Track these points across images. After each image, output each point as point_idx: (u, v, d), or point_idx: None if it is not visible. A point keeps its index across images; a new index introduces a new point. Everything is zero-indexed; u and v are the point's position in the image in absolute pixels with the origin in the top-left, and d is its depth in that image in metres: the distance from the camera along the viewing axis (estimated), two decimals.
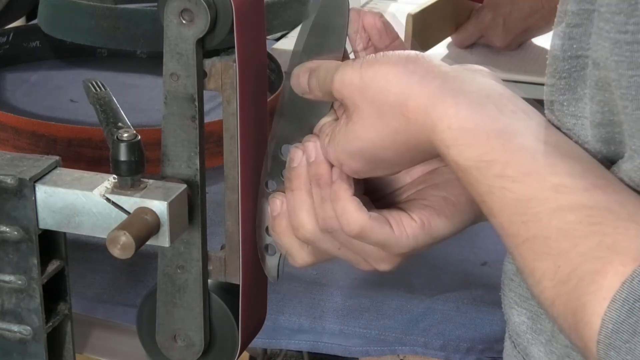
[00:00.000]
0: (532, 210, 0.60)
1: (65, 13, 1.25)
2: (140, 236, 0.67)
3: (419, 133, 0.65)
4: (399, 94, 0.65)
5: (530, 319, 0.73)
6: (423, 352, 0.99)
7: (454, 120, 0.63)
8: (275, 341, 1.01)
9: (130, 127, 0.85)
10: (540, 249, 0.60)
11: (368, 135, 0.67)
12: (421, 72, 0.65)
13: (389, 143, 0.67)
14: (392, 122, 0.66)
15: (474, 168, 0.62)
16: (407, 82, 0.65)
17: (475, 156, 0.62)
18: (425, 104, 0.64)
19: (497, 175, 0.61)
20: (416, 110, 0.64)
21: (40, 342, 0.75)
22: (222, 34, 0.70)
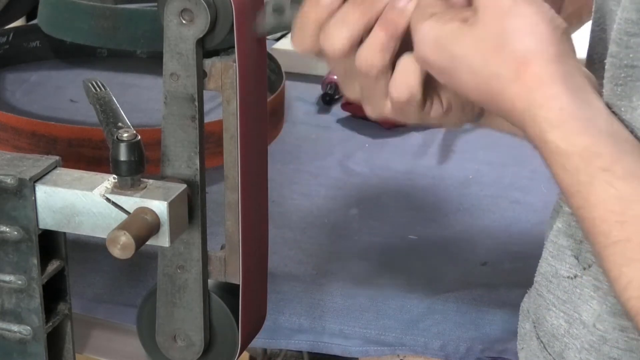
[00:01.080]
0: (632, 212, 0.59)
1: (65, 13, 1.25)
2: (140, 236, 0.67)
3: (518, 96, 0.63)
4: (529, 49, 0.63)
5: (568, 322, 0.73)
6: (423, 352, 0.99)
7: (568, 104, 0.61)
8: (275, 341, 1.01)
9: (130, 127, 0.85)
10: (631, 254, 0.58)
11: (472, 54, 0.65)
12: (560, 49, 0.63)
13: (480, 76, 0.65)
14: (502, 66, 0.64)
15: (577, 155, 0.60)
16: (543, 48, 0.63)
17: (583, 144, 0.60)
18: (546, 79, 0.62)
19: (603, 168, 0.60)
20: (533, 78, 0.62)
21: (40, 342, 0.75)
22: (222, 34, 0.70)
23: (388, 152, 1.32)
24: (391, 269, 1.06)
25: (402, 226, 1.14)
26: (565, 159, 0.61)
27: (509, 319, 0.98)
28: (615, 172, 0.60)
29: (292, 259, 1.07)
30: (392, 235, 1.12)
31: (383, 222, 1.15)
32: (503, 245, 1.11)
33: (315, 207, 1.18)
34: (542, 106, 0.62)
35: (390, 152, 1.32)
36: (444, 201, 1.20)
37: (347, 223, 1.15)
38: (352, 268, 1.06)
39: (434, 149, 1.34)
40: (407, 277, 1.05)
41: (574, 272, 0.73)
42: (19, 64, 1.53)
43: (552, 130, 0.61)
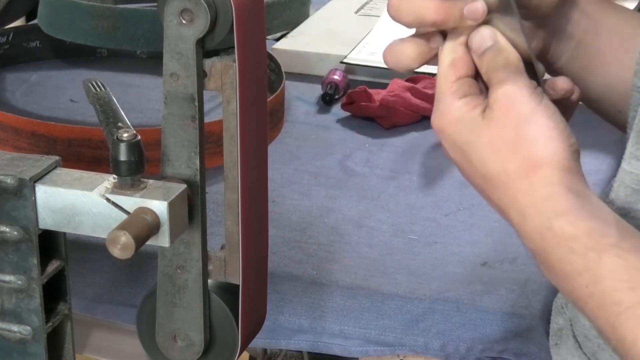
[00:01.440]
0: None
1: (65, 13, 1.25)
2: (140, 236, 0.67)
3: (523, 192, 0.67)
4: (542, 156, 0.67)
5: None
6: (423, 352, 0.98)
7: (574, 200, 0.66)
8: (275, 341, 1.01)
9: (130, 127, 0.85)
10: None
11: (485, 147, 0.69)
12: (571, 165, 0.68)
13: (489, 168, 0.69)
14: (513, 164, 0.68)
15: (585, 236, 0.64)
16: (555, 159, 0.67)
17: (590, 226, 0.64)
18: (552, 181, 0.67)
19: (612, 244, 0.63)
20: (542, 180, 0.67)
21: (40, 342, 0.75)
22: (222, 34, 0.70)
23: (388, 152, 1.32)
24: (391, 269, 1.06)
25: (402, 226, 1.14)
26: (572, 241, 0.64)
27: (509, 319, 0.98)
28: (623, 247, 0.63)
29: (292, 259, 1.07)
30: (392, 235, 1.12)
31: (383, 222, 1.15)
32: (503, 245, 1.11)
33: (315, 207, 1.18)
34: (548, 199, 0.66)
35: (390, 152, 1.32)
36: (444, 201, 1.20)
37: (347, 223, 1.15)
38: (352, 268, 1.06)
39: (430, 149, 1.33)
40: (407, 277, 1.05)
41: None
42: (19, 64, 1.53)
43: (557, 217, 0.65)
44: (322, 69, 1.49)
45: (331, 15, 1.72)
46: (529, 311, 0.98)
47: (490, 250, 1.10)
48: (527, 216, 0.67)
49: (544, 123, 0.67)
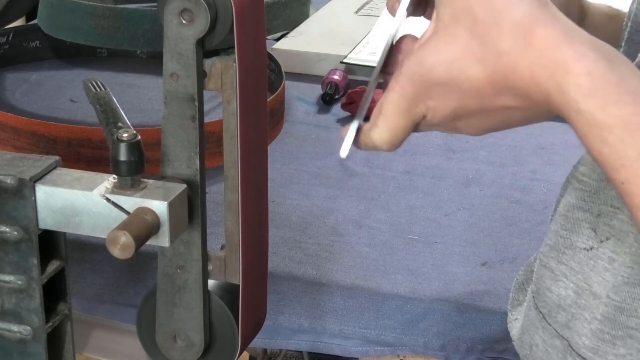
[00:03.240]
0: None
1: (65, 13, 1.25)
2: (140, 236, 0.67)
3: (536, 64, 0.59)
4: (525, 14, 0.59)
5: (576, 293, 0.72)
6: (423, 352, 0.99)
7: (594, 67, 0.57)
8: (275, 341, 1.01)
9: (130, 127, 0.85)
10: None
11: (467, 45, 0.61)
12: (552, 8, 0.60)
13: (487, 61, 0.60)
14: (505, 41, 0.59)
15: (619, 127, 0.56)
16: (537, 10, 0.59)
17: (623, 114, 0.56)
18: (558, 38, 0.58)
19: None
20: (545, 40, 0.58)
21: (40, 342, 0.75)
22: (222, 34, 0.70)
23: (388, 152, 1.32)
24: (391, 269, 1.06)
25: (402, 226, 1.14)
26: (606, 131, 0.57)
27: None
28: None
29: (292, 259, 1.07)
30: (392, 235, 1.12)
31: (383, 222, 1.15)
32: (503, 245, 1.11)
33: (315, 207, 1.18)
34: (568, 71, 0.58)
35: (390, 152, 1.32)
36: (444, 201, 1.20)
37: (347, 223, 1.15)
38: (352, 268, 1.06)
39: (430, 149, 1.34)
40: (407, 277, 1.05)
41: (590, 244, 0.71)
42: (19, 64, 1.53)
43: (585, 99, 0.57)
44: (322, 69, 1.49)
45: (331, 15, 1.72)
46: None
47: (490, 250, 1.10)
48: (551, 96, 0.58)
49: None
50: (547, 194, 1.22)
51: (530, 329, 0.78)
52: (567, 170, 1.28)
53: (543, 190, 1.23)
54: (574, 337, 0.73)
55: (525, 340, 0.80)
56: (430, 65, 0.63)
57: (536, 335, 0.77)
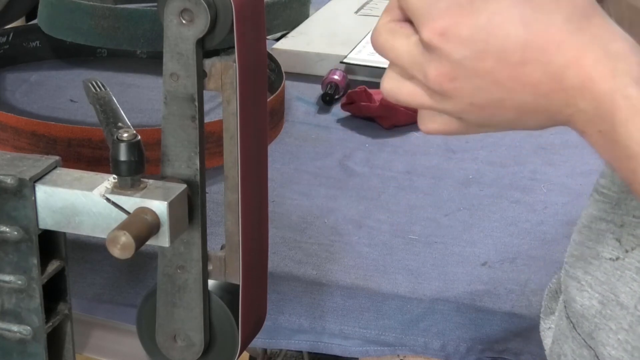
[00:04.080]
0: None
1: (65, 13, 1.25)
2: (140, 236, 0.67)
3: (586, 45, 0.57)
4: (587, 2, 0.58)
5: (601, 303, 0.72)
6: (423, 352, 0.99)
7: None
8: (275, 341, 1.01)
9: (130, 127, 0.85)
10: None
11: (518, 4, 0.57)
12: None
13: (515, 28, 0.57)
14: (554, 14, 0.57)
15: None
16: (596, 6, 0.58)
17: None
18: (613, 30, 0.57)
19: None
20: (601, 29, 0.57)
21: (40, 342, 0.75)
22: (222, 34, 0.70)
23: (388, 152, 1.32)
24: (391, 269, 1.06)
25: (402, 226, 1.14)
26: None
27: (509, 319, 0.98)
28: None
29: (292, 259, 1.07)
30: (392, 235, 1.12)
31: (383, 222, 1.15)
32: (503, 245, 1.11)
33: (315, 207, 1.18)
34: (622, 59, 0.56)
35: (390, 152, 1.32)
36: (444, 201, 1.20)
37: (347, 223, 1.15)
38: (352, 268, 1.06)
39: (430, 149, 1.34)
40: (407, 277, 1.05)
41: (617, 254, 0.71)
42: (19, 64, 1.53)
43: (636, 85, 0.55)
44: (322, 69, 1.49)
45: (331, 15, 1.72)
46: (529, 311, 0.99)
47: (490, 250, 1.10)
48: (596, 79, 0.56)
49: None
50: (547, 194, 1.22)
51: (560, 338, 0.78)
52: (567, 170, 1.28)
53: (543, 190, 1.23)
54: (599, 347, 0.72)
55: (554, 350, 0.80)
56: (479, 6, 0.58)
57: (565, 345, 0.77)
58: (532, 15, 0.57)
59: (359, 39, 1.57)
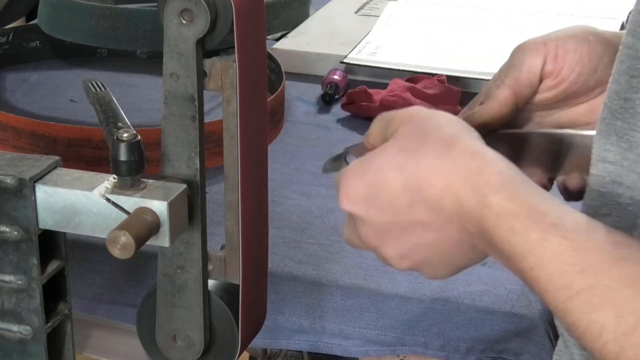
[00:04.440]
0: (591, 260, 0.58)
1: (65, 13, 1.25)
2: (140, 236, 0.67)
3: (451, 171, 0.63)
4: (453, 133, 0.65)
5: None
6: (423, 352, 0.99)
7: (505, 170, 0.62)
8: (275, 341, 1.01)
9: (130, 127, 0.85)
10: (598, 299, 0.57)
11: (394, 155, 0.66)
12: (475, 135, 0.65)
13: (407, 168, 0.65)
14: (428, 151, 0.64)
15: (525, 214, 0.60)
16: (465, 133, 0.65)
17: (528, 203, 0.61)
18: (473, 149, 0.64)
19: (553, 224, 0.60)
20: (462, 152, 0.64)
21: (40, 342, 0.75)
22: (222, 34, 0.70)
23: None
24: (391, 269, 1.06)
25: None
26: (513, 219, 0.61)
27: (509, 319, 0.98)
28: (565, 226, 0.60)
29: (292, 259, 1.07)
30: None
31: None
32: None
33: (315, 207, 1.18)
34: (480, 172, 0.62)
35: None
36: None
37: None
38: (352, 268, 1.06)
39: None
40: (407, 277, 1.05)
41: None
42: (19, 64, 1.53)
43: (494, 193, 0.62)
44: (322, 69, 1.49)
45: (331, 15, 1.72)
46: (529, 311, 0.98)
47: None
48: (463, 197, 0.63)
49: (444, 115, 0.66)
50: None
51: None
52: None
53: None
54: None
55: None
56: (365, 167, 0.68)
57: None
58: (404, 161, 0.65)
59: (359, 39, 1.57)
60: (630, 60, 0.65)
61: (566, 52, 0.77)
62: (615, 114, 0.67)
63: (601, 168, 0.68)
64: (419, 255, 0.68)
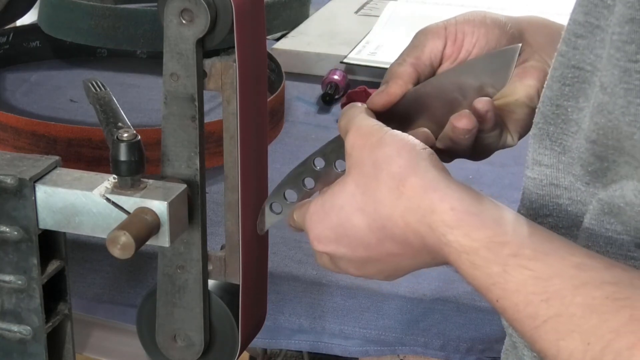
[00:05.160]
0: (554, 288, 0.58)
1: (65, 13, 1.25)
2: (140, 236, 0.67)
3: (407, 210, 0.65)
4: (401, 166, 0.65)
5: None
6: (423, 352, 0.99)
7: (458, 204, 0.63)
8: (275, 341, 1.01)
9: (130, 127, 0.85)
10: (565, 327, 0.57)
11: (352, 194, 0.68)
12: (429, 163, 0.66)
13: (366, 211, 0.67)
14: (382, 190, 0.66)
15: (483, 248, 0.61)
16: (413, 163, 0.65)
17: (485, 237, 0.61)
18: (426, 185, 0.64)
19: (512, 254, 0.60)
20: (414, 188, 0.64)
21: (40, 342, 0.75)
22: (222, 34, 0.70)
23: None
24: None
25: None
26: (472, 255, 0.62)
27: None
28: (524, 254, 0.60)
29: (292, 259, 1.07)
30: None
31: None
32: None
33: None
34: (434, 211, 0.63)
35: None
36: None
37: None
38: None
39: None
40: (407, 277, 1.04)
41: None
42: (19, 64, 1.53)
43: (451, 231, 0.62)
44: (322, 69, 1.49)
45: (331, 15, 1.72)
46: None
47: None
48: (424, 236, 0.64)
49: (391, 141, 0.67)
50: None
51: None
52: None
53: None
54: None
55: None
56: (328, 209, 0.70)
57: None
58: (364, 201, 0.67)
59: (359, 39, 1.57)
60: (563, 68, 0.66)
61: (465, 35, 0.79)
62: (548, 120, 0.68)
63: (537, 171, 0.69)
64: (402, 273, 0.71)
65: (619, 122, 0.60)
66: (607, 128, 0.61)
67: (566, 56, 0.66)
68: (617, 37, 0.59)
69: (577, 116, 0.65)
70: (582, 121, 0.65)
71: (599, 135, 0.62)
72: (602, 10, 0.62)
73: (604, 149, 0.62)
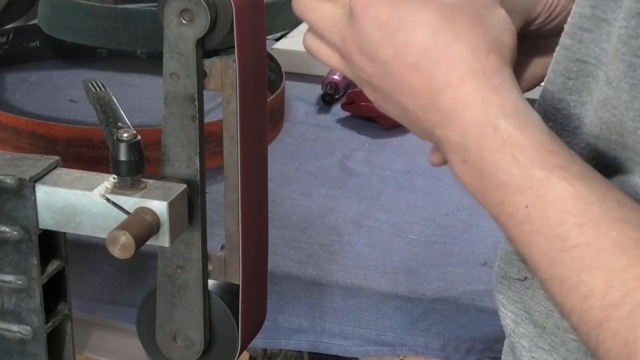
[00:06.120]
0: (592, 215, 0.55)
1: (65, 13, 1.25)
2: (140, 236, 0.67)
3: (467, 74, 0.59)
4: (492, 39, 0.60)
5: (515, 322, 0.73)
6: (423, 352, 0.99)
7: (522, 102, 0.59)
8: (275, 341, 1.01)
9: (130, 127, 0.85)
10: (591, 260, 0.54)
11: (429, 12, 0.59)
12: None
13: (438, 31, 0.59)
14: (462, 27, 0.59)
15: (533, 148, 0.57)
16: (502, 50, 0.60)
17: (539, 139, 0.57)
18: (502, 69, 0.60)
19: (560, 166, 0.56)
20: (493, 64, 0.59)
21: (40, 342, 0.75)
22: (222, 34, 0.70)
23: (388, 152, 1.32)
24: (391, 269, 1.06)
25: (402, 226, 1.14)
26: (518, 149, 0.57)
27: None
28: (572, 171, 0.56)
29: (292, 259, 1.07)
30: (392, 235, 1.12)
31: (383, 222, 1.15)
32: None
33: (315, 207, 1.18)
34: (499, 92, 0.58)
35: (390, 152, 1.32)
36: (444, 201, 1.20)
37: (347, 223, 1.15)
38: (352, 268, 1.06)
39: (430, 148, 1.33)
40: (407, 277, 1.05)
41: (524, 275, 0.70)
42: (19, 64, 1.53)
43: (506, 117, 0.57)
44: (322, 69, 1.49)
45: None
46: None
47: (490, 250, 1.10)
48: (468, 105, 0.58)
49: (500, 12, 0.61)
50: None
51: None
52: None
53: None
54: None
55: None
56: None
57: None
58: (442, 28, 0.60)
59: None
60: (567, 62, 0.65)
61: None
62: (548, 115, 0.66)
63: None
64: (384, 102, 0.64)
65: (623, 117, 0.59)
66: (611, 123, 0.60)
67: (571, 49, 0.64)
68: (624, 31, 0.58)
69: (579, 111, 0.65)
70: (584, 116, 0.64)
71: (602, 130, 0.61)
72: (610, 4, 0.61)
73: (606, 144, 0.62)
